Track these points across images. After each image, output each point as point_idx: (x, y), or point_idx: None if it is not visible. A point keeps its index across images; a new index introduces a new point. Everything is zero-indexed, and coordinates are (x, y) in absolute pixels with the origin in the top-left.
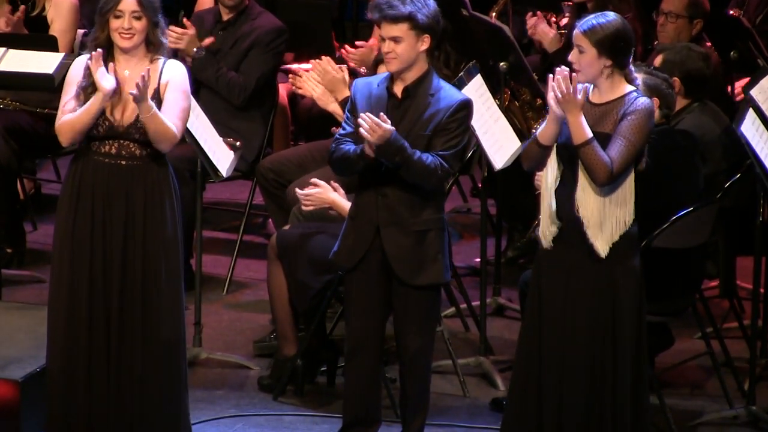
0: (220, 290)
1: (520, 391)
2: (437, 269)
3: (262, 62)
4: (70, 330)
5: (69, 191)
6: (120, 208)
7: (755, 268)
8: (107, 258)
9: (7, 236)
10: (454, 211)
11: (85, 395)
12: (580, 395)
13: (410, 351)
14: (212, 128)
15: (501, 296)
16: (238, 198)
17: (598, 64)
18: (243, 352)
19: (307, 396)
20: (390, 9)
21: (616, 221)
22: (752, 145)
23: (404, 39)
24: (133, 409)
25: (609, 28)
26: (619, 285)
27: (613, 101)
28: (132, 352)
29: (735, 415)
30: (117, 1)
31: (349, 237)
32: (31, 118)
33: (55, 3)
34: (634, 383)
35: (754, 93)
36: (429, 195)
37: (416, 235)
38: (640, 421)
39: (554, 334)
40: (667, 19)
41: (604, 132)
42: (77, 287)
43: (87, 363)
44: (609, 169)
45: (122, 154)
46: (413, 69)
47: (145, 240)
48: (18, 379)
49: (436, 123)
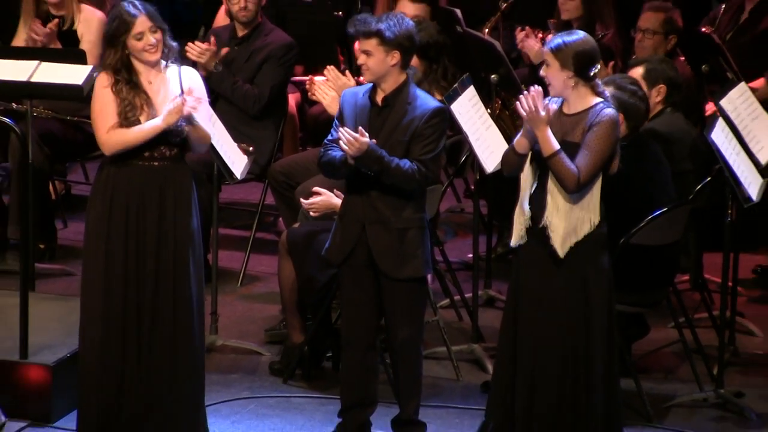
0: (234, 283)
1: (499, 376)
2: (417, 264)
3: (274, 75)
4: (106, 319)
5: (102, 191)
6: (153, 203)
7: (724, 263)
8: (141, 249)
9: (40, 233)
10: (449, 210)
11: (118, 379)
12: (552, 383)
13: (399, 340)
14: (227, 135)
15: (492, 289)
16: (251, 198)
17: (561, 76)
18: (255, 339)
19: (314, 380)
20: (362, 25)
21: (581, 223)
22: (722, 151)
23: (374, 53)
24: (159, 390)
25: (571, 44)
26: (589, 282)
27: (581, 112)
28: (163, 335)
29: (705, 398)
30: (131, 23)
31: (337, 234)
32: (62, 125)
33: (84, 18)
34: (605, 371)
35: (723, 103)
36: (409, 196)
37: (398, 233)
38: (611, 405)
39: (527, 326)
40: (644, 36)
41: (573, 141)
42: (113, 278)
43: (121, 349)
44: (576, 178)
45: (154, 156)
46: (390, 80)
47: (176, 231)
48: (50, 363)
49: (413, 129)
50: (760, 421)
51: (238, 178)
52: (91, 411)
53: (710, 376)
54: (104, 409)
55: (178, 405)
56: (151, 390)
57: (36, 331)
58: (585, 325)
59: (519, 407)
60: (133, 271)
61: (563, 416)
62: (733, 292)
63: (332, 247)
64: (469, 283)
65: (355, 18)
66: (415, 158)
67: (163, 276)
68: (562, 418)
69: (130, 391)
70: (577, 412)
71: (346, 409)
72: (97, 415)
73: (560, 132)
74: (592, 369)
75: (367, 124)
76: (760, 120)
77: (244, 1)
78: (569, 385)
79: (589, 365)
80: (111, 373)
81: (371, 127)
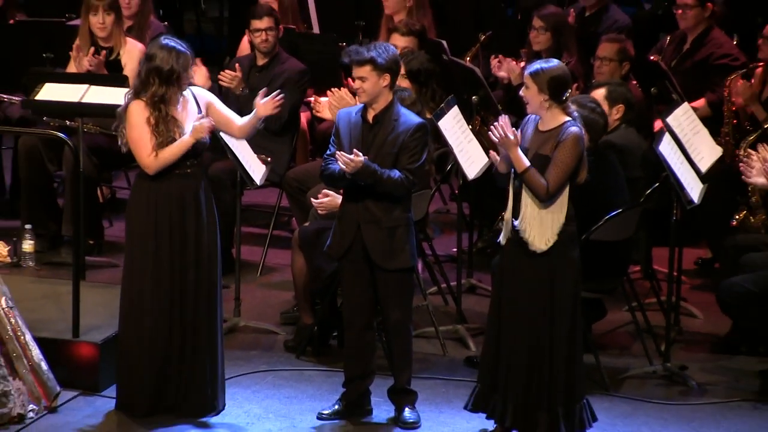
0: (254, 273)
1: (486, 349)
2: (405, 256)
3: (291, 97)
4: (152, 302)
5: (146, 199)
6: (191, 206)
7: (670, 256)
8: (183, 244)
9: (89, 231)
10: (437, 212)
11: (155, 355)
12: (524, 356)
13: (392, 321)
14: (248, 147)
15: (473, 278)
16: (269, 201)
17: (539, 98)
18: (272, 321)
19: (322, 355)
20: (356, 55)
21: (552, 223)
22: (668, 161)
23: (368, 78)
24: (189, 363)
25: (547, 71)
26: (557, 272)
27: (552, 129)
28: (197, 315)
29: (654, 371)
30: (188, 68)
31: (337, 233)
32: (108, 139)
33: (127, 50)
34: (569, 349)
35: (669, 120)
36: (398, 199)
37: (388, 230)
38: (574, 377)
39: (508, 310)
40: (602, 63)
41: (545, 154)
42: (161, 269)
43: (167, 329)
44: (546, 189)
45: (186, 164)
46: (380, 100)
47: (208, 226)
48: (98, 341)
49: (400, 142)
50: (700, 390)
51: (258, 184)
52: (132, 385)
53: (658, 352)
54: (147, 383)
55: (211, 373)
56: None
57: (86, 314)
58: (551, 309)
59: (501, 376)
60: (177, 262)
61: (532, 385)
62: (677, 281)
63: (333, 244)
64: (453, 273)
65: (347, 50)
66: (403, 167)
67: (201, 265)
68: (531, 386)
69: (172, 365)
70: (541, 381)
71: (349, 380)
72: (137, 388)
73: (535, 145)
74: (556, 346)
75: (360, 138)
76: (701, 135)
77: (265, 35)
78: (538, 359)
79: (554, 343)
80: (156, 349)
81: (364, 141)
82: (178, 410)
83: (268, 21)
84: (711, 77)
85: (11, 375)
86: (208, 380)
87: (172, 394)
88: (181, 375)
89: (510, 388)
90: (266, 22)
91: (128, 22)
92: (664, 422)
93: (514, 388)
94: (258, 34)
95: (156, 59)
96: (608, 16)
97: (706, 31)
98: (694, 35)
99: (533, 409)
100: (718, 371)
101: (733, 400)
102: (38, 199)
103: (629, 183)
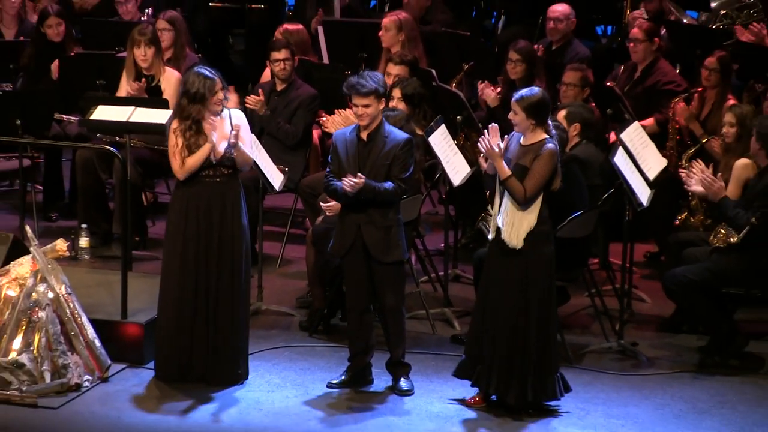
0: (274, 265)
1: (473, 327)
2: (399, 251)
3: (304, 118)
4: (181, 291)
5: (180, 202)
6: (218, 206)
7: (623, 250)
8: (209, 240)
9: (135, 229)
10: (427, 213)
11: (189, 335)
12: (504, 335)
13: (388, 306)
14: (269, 159)
15: (458, 269)
16: (286, 204)
17: (527, 122)
18: (289, 305)
19: (331, 334)
20: (362, 87)
21: (527, 224)
22: (622, 171)
23: (372, 105)
24: (216, 341)
25: (533, 98)
26: (531, 264)
27: (533, 144)
28: (224, 297)
29: (610, 347)
30: (215, 92)
31: (338, 235)
32: (151, 152)
33: (166, 77)
34: (545, 330)
35: (623, 136)
36: (391, 204)
37: (384, 229)
38: (549, 353)
39: (491, 295)
40: (567, 88)
41: (524, 165)
42: (188, 262)
43: (192, 313)
44: (524, 194)
45: (216, 174)
46: (374, 122)
47: (233, 226)
48: (142, 322)
49: (391, 156)
50: (648, 362)
51: (277, 189)
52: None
53: (613, 331)
54: (177, 356)
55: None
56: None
57: (132, 300)
58: (526, 295)
59: (485, 350)
60: (203, 254)
61: (511, 358)
62: (629, 271)
63: (335, 245)
64: (441, 265)
65: (348, 82)
66: (396, 176)
67: (228, 258)
68: (510, 359)
69: (200, 340)
70: (516, 355)
71: (353, 355)
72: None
73: (518, 156)
74: (531, 327)
75: (356, 154)
76: (649, 148)
77: (283, 64)
78: (516, 337)
79: (529, 324)
80: (183, 330)
81: (360, 156)
82: (209, 379)
83: (285, 52)
84: (658, 100)
85: (70, 350)
86: (232, 355)
87: (201, 365)
88: (209, 350)
89: (492, 360)
90: (284, 53)
91: (167, 54)
92: (618, 389)
93: (496, 361)
94: (277, 63)
95: (187, 83)
96: (571, 49)
97: (653, 61)
98: (644, 65)
99: (508, 378)
100: (663, 347)
101: (676, 371)
102: (92, 203)
103: (590, 189)
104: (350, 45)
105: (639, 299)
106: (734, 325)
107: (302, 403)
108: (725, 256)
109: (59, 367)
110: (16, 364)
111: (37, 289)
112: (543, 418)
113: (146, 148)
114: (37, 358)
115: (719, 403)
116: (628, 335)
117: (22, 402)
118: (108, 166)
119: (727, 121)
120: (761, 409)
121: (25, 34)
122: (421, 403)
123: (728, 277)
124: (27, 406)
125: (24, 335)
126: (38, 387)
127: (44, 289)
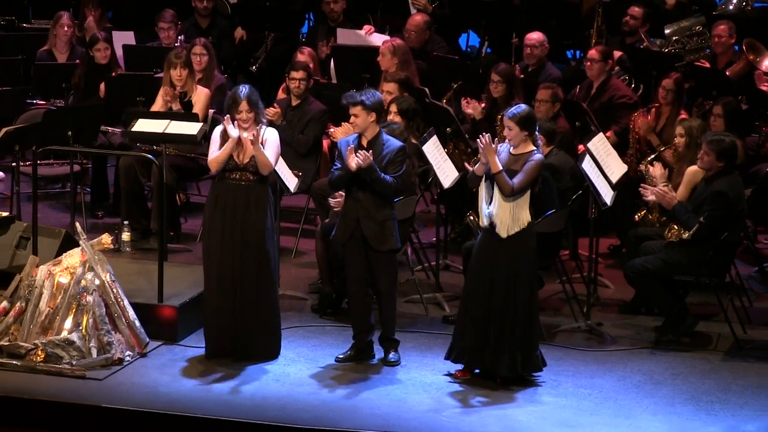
0: (290, 255)
1: (462, 309)
2: (393, 241)
3: (315, 129)
4: (219, 276)
5: (213, 200)
6: (241, 206)
7: (590, 244)
8: (233, 231)
9: (170, 225)
10: (421, 211)
11: (230, 313)
12: (497, 315)
13: (382, 289)
14: (285, 165)
15: (448, 259)
16: (300, 204)
17: (521, 134)
18: (302, 290)
19: (338, 315)
20: (351, 98)
21: (519, 220)
22: (589, 175)
23: (359, 115)
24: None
25: (523, 113)
26: (519, 254)
27: (522, 153)
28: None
29: (579, 326)
30: (237, 105)
31: (341, 226)
32: (184, 159)
33: (197, 94)
34: (528, 310)
35: (589, 145)
36: (386, 199)
37: (380, 223)
38: (533, 330)
39: (479, 281)
40: (540, 104)
41: (515, 170)
42: (221, 255)
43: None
44: (511, 188)
45: (242, 178)
46: (370, 131)
47: (256, 225)
48: (176, 305)
49: (388, 159)
50: (612, 340)
51: (292, 191)
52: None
53: (582, 313)
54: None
55: (263, 328)
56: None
57: (167, 286)
58: (513, 282)
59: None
60: (228, 244)
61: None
62: (595, 261)
63: (337, 234)
64: (433, 255)
65: (345, 95)
66: (391, 176)
67: (253, 252)
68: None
69: (236, 319)
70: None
71: (357, 334)
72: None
73: (508, 163)
74: (514, 308)
75: None
76: (611, 156)
77: (299, 83)
78: (502, 317)
79: (516, 305)
80: (225, 308)
81: None
82: (244, 356)
83: (302, 73)
84: (614, 113)
85: (114, 329)
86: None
87: (235, 343)
88: (242, 330)
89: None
90: (301, 74)
91: (199, 75)
92: (586, 364)
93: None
94: (293, 82)
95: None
96: (545, 71)
97: (607, 79)
98: (598, 82)
99: (498, 353)
100: (624, 327)
101: (636, 347)
102: (133, 203)
103: (561, 191)
104: (355, 67)
105: (603, 285)
106: (685, 308)
107: (313, 375)
108: (678, 249)
109: (104, 344)
110: (67, 342)
111: (85, 277)
112: (526, 388)
113: (179, 155)
114: (86, 336)
115: (673, 375)
116: (594, 316)
117: (73, 374)
118: (147, 171)
119: (678, 132)
120: (709, 380)
121: (75, 58)
122: (416, 376)
123: (680, 266)
124: (76, 377)
125: (74, 317)
126: (86, 361)
127: (92, 277)
